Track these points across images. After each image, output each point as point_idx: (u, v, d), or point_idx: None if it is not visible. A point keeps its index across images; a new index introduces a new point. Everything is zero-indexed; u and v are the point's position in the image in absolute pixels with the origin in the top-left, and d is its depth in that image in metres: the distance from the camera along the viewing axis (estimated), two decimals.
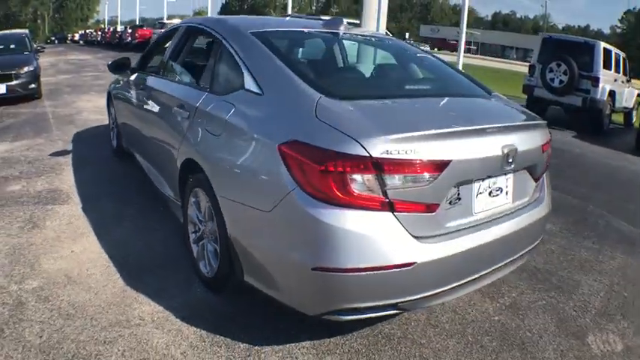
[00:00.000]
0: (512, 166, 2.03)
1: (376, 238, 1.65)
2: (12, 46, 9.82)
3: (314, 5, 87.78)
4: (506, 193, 2.12)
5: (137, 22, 38.37)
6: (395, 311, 1.86)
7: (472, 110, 2.29)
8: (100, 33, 37.68)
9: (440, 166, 1.73)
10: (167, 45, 3.61)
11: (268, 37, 2.38)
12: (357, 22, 8.57)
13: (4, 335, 2.06)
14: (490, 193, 2.03)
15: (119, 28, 35.79)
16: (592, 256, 3.35)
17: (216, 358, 1.99)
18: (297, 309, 1.85)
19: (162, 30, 13.30)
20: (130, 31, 26.15)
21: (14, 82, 8.22)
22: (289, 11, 24.25)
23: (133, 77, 3.95)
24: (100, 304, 2.34)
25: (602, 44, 8.16)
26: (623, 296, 2.83)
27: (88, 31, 49.22)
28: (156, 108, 3.19)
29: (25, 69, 8.46)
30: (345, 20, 2.92)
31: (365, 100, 2.02)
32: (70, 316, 2.22)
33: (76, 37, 50.52)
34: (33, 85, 8.53)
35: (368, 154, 1.62)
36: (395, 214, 1.69)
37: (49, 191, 3.89)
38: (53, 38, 55.12)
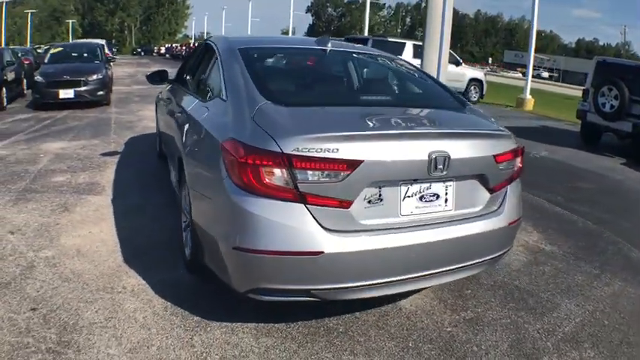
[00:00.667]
0: (445, 172, 2.18)
1: (287, 225, 1.97)
2: (85, 55, 11.33)
3: (399, 28, 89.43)
4: (446, 200, 2.28)
5: None
6: (310, 298, 2.12)
7: (410, 117, 2.48)
8: (184, 48, 41.25)
9: (351, 165, 1.98)
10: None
11: (249, 53, 2.83)
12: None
13: (10, 287, 2.66)
14: (422, 198, 2.21)
15: None
16: (586, 280, 3.29)
17: (170, 324, 2.40)
18: (232, 286, 2.21)
19: None
20: None
21: (82, 88, 9.53)
22: (366, 34, 25.18)
23: (167, 88, 4.61)
24: (95, 273, 2.88)
25: None
26: (602, 324, 2.74)
27: (174, 45, 53.75)
28: (173, 114, 3.78)
29: (94, 77, 9.77)
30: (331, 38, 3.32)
31: (306, 107, 2.37)
32: (68, 279, 2.78)
33: (162, 50, 55.26)
34: (101, 92, 9.81)
35: (280, 150, 1.95)
36: (307, 206, 1.99)
37: (87, 184, 4.63)
38: (139, 50, 60.29)
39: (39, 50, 19.69)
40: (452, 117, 2.69)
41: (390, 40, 15.69)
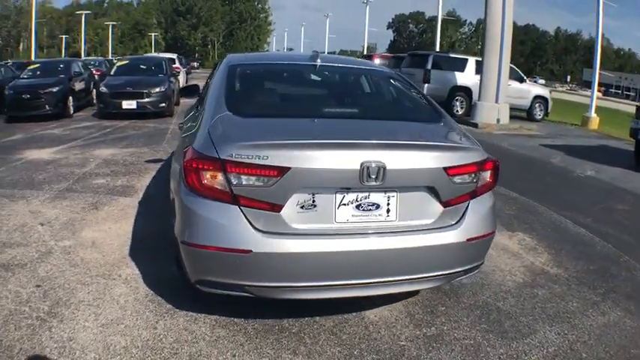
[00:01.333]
0: (381, 182, 2.29)
1: (222, 224, 2.26)
2: (152, 68, 12.43)
3: (479, 44, 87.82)
4: (388, 210, 2.39)
5: None
6: (245, 294, 2.37)
7: (357, 128, 2.63)
8: None
9: (279, 171, 2.21)
10: None
11: (236, 69, 3.20)
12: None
13: (26, 267, 3.24)
14: (359, 207, 2.35)
15: None
16: (580, 308, 3.11)
17: (144, 308, 2.80)
18: (188, 278, 2.52)
19: None
20: None
21: (145, 100, 10.53)
22: (437, 50, 25.30)
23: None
24: (100, 262, 3.38)
25: None
26: (579, 357, 2.57)
27: None
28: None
29: (157, 89, 10.73)
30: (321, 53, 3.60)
31: (261, 118, 2.66)
32: (75, 265, 3.30)
33: None
34: (163, 104, 10.75)
35: (217, 157, 2.24)
36: (240, 207, 2.26)
37: (123, 187, 5.27)
38: None
39: (114, 62, 21.79)
40: (407, 129, 2.80)
41: (452, 56, 15.63)
